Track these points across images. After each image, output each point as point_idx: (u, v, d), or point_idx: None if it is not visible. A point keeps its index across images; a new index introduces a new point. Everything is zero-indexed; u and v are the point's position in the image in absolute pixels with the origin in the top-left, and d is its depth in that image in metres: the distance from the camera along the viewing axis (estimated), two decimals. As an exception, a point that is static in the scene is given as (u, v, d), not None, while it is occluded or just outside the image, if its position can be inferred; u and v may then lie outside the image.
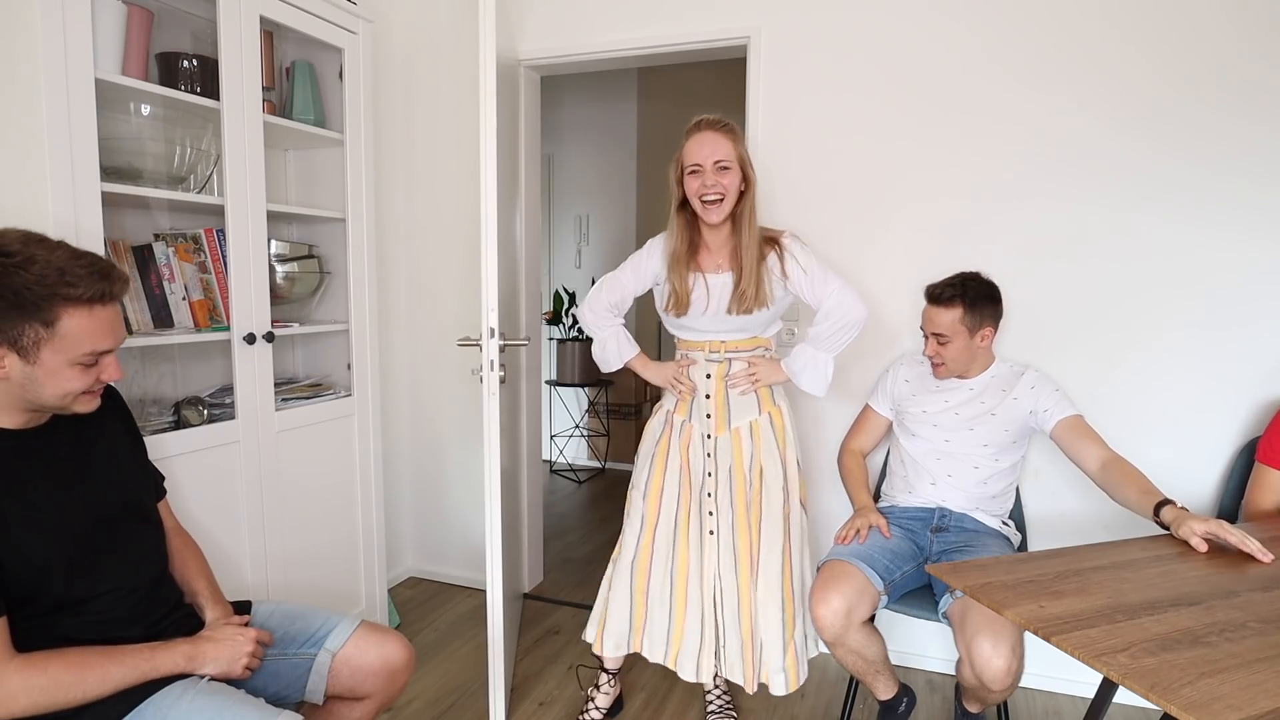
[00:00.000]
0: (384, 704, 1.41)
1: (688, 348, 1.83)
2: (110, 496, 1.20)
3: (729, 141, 1.67)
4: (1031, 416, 1.78)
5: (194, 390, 1.94)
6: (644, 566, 1.82)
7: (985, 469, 1.82)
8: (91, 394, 1.13)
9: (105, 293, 1.08)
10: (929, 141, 2.09)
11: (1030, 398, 1.78)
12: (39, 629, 1.07)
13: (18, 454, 1.10)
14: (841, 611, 1.58)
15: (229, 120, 1.74)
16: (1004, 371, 1.85)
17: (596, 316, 1.87)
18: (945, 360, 1.80)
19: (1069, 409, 1.75)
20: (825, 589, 1.61)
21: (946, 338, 1.78)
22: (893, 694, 1.77)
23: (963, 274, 1.81)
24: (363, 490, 2.24)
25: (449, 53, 2.61)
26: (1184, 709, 0.83)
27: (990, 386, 1.84)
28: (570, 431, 4.66)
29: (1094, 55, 1.93)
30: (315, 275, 2.12)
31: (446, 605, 2.64)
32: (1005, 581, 1.18)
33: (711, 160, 1.65)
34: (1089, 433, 1.71)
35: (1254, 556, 1.27)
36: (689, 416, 1.83)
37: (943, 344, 1.79)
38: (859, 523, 1.77)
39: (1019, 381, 1.81)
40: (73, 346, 1.06)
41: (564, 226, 4.60)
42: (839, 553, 1.70)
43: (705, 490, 1.81)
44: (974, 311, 1.76)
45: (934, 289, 1.80)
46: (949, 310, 1.76)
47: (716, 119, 1.69)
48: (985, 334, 1.79)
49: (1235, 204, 1.87)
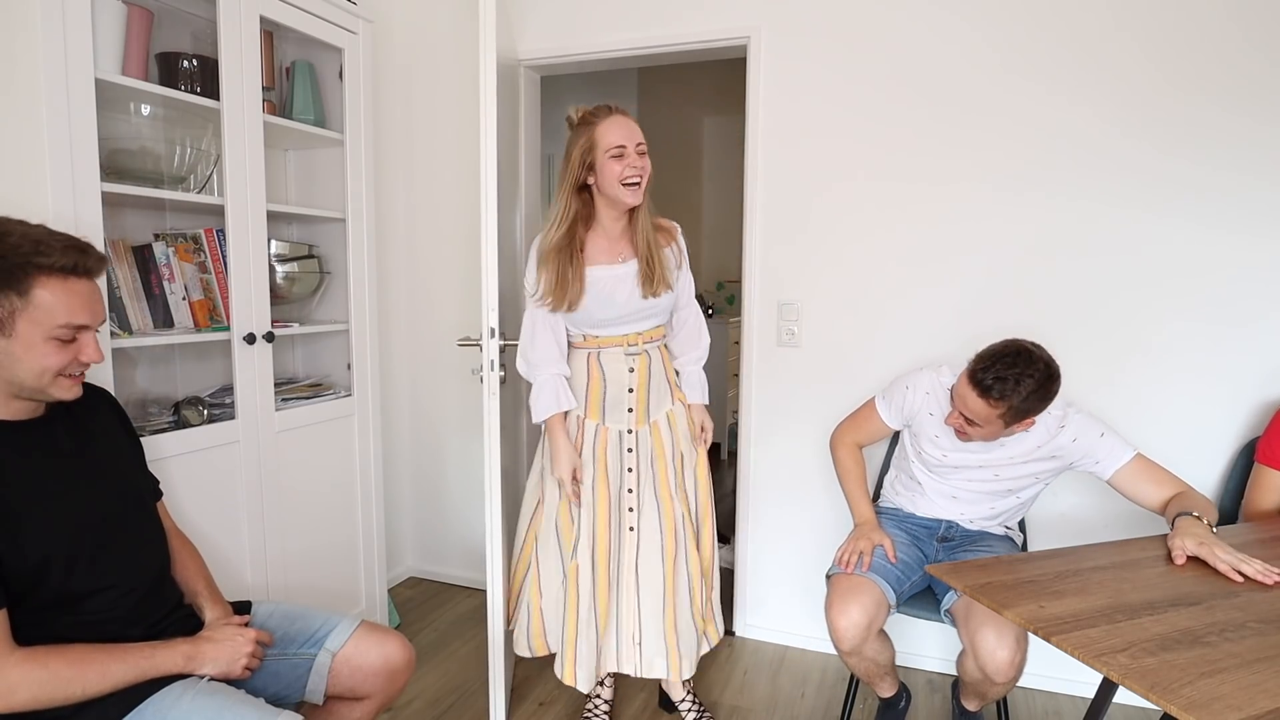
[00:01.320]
0: (384, 704, 1.41)
1: (600, 344, 1.76)
2: (112, 493, 1.20)
3: (638, 126, 1.69)
4: (1073, 467, 1.65)
5: (194, 390, 1.94)
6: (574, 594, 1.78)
7: (1003, 505, 1.75)
8: (72, 379, 1.12)
9: (80, 265, 1.08)
10: (930, 139, 2.09)
11: (1073, 451, 1.62)
12: (39, 625, 1.07)
13: (21, 446, 1.10)
14: (862, 624, 1.56)
15: (229, 120, 1.74)
16: (1042, 432, 1.63)
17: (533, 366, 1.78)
18: (972, 437, 1.61)
19: (1126, 451, 1.58)
20: (844, 601, 1.58)
21: (979, 426, 1.56)
22: (894, 692, 1.78)
23: (1020, 359, 1.48)
24: (363, 490, 2.24)
25: (449, 53, 2.61)
26: (1184, 709, 0.83)
27: (1027, 445, 1.66)
28: (570, 431, 4.65)
29: (1096, 52, 1.93)
30: (315, 275, 2.12)
31: (446, 605, 2.64)
32: (1005, 581, 1.18)
33: (634, 142, 1.65)
34: (1154, 472, 1.56)
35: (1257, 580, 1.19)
36: (602, 419, 1.79)
37: (972, 426, 1.58)
38: (861, 545, 1.67)
39: (1059, 436, 1.62)
40: (47, 318, 1.05)
41: (564, 226, 4.59)
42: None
43: (625, 487, 1.79)
44: (1019, 412, 1.51)
45: (983, 378, 1.49)
46: (990, 407, 1.50)
47: (621, 108, 1.70)
48: (1028, 422, 1.57)
49: (1238, 202, 1.87)
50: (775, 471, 2.36)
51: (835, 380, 2.24)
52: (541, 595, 1.82)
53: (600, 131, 1.66)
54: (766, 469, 2.37)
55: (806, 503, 2.33)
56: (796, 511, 2.35)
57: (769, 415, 2.33)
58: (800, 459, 2.32)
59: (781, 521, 2.37)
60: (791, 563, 2.37)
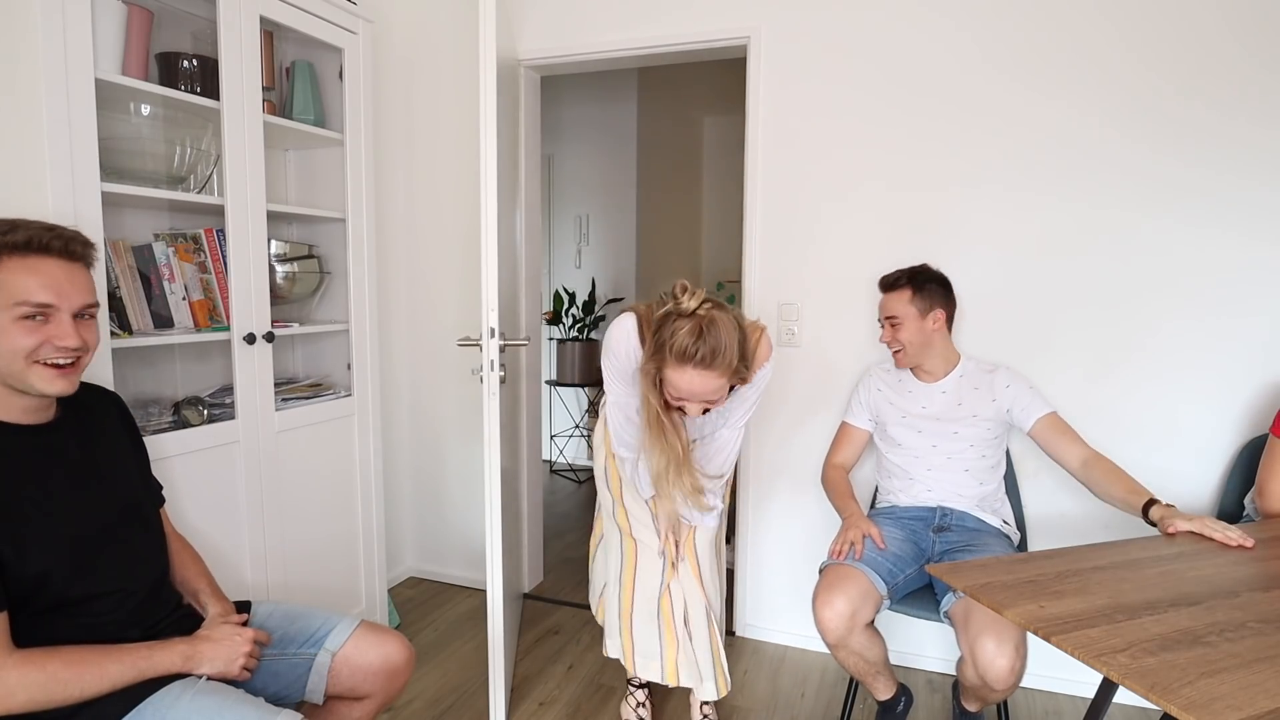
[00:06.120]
0: (384, 704, 1.41)
1: None
2: (113, 499, 1.20)
3: (721, 380, 1.42)
4: (1009, 414, 1.82)
5: (194, 390, 1.94)
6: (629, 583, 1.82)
7: (976, 469, 1.84)
8: (54, 369, 1.09)
9: (37, 240, 1.06)
10: (929, 139, 2.09)
11: (1007, 396, 1.82)
12: (37, 629, 1.07)
13: (28, 450, 1.10)
14: (845, 614, 1.57)
15: (229, 120, 1.74)
16: (971, 370, 1.89)
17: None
18: (902, 344, 1.85)
19: (1045, 406, 1.79)
20: (829, 591, 1.60)
21: (899, 320, 1.84)
22: (891, 694, 1.77)
23: (917, 266, 1.90)
24: (363, 490, 2.24)
25: (449, 53, 2.61)
26: (1184, 709, 0.83)
27: (962, 386, 1.87)
28: (570, 431, 4.66)
29: (1090, 54, 1.93)
30: (315, 275, 2.12)
31: (446, 605, 2.64)
32: (1005, 581, 1.18)
33: (700, 400, 1.46)
34: (1068, 430, 1.76)
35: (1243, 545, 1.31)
36: None
37: (896, 327, 1.85)
38: (851, 535, 1.71)
39: (993, 380, 1.84)
40: (7, 296, 1.04)
41: (564, 226, 4.59)
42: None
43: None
44: (922, 294, 1.83)
45: (884, 276, 1.90)
46: (898, 294, 1.85)
47: (703, 357, 1.38)
48: (937, 317, 1.84)
49: (1230, 202, 1.87)
50: (775, 471, 2.36)
51: (835, 380, 2.24)
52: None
53: (668, 375, 1.45)
54: (767, 469, 2.37)
55: (807, 502, 2.33)
56: (797, 511, 2.35)
57: (769, 415, 2.33)
58: (800, 458, 2.32)
59: (782, 521, 2.37)
60: (791, 562, 2.37)
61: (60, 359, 1.09)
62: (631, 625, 1.80)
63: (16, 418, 1.11)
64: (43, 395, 1.11)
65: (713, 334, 1.38)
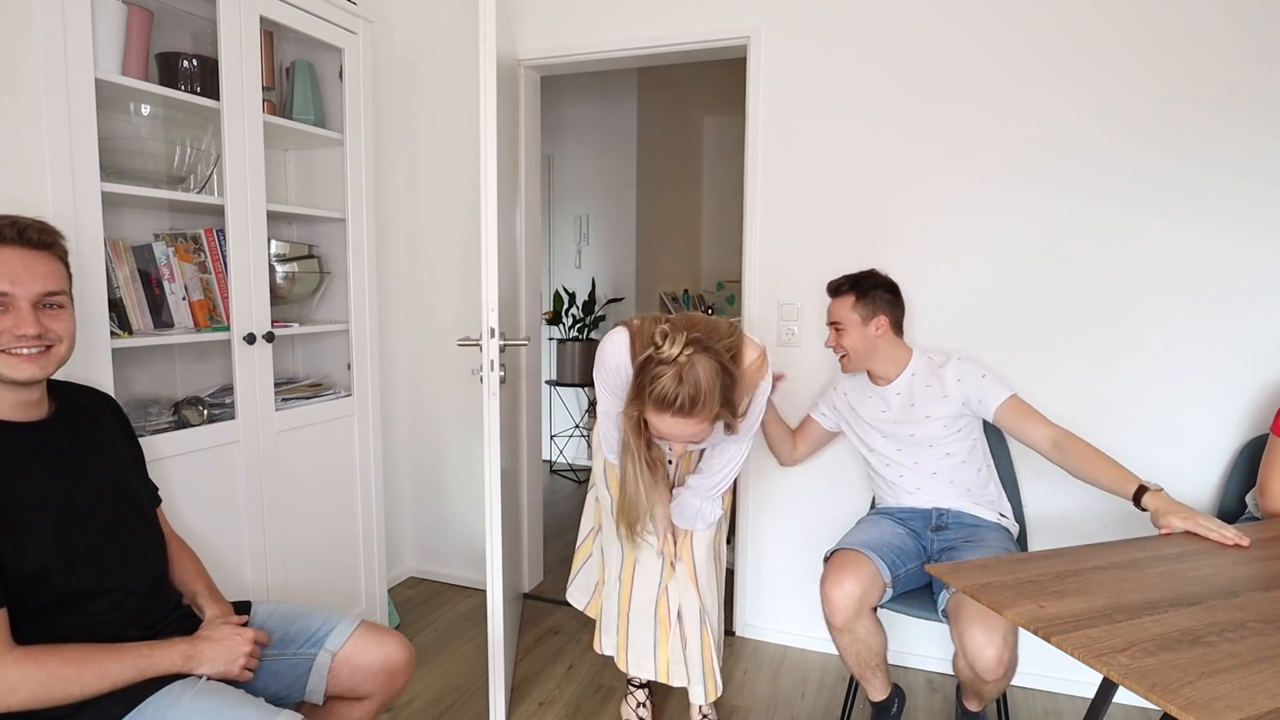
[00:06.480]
0: (384, 704, 1.41)
1: None
2: (110, 497, 1.20)
3: (702, 425, 1.42)
4: (966, 407, 1.79)
5: (194, 390, 1.94)
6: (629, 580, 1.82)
7: (943, 468, 1.83)
8: (18, 357, 1.08)
9: (4, 231, 1.07)
10: (928, 139, 2.09)
11: (960, 390, 1.78)
12: (37, 626, 1.07)
13: (22, 448, 1.10)
14: (855, 596, 1.58)
15: (229, 120, 1.74)
16: (922, 367, 1.86)
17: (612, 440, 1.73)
18: (846, 349, 1.86)
19: (1002, 391, 1.75)
20: (838, 572, 1.62)
21: (842, 325, 1.85)
22: (886, 695, 1.78)
23: (861, 272, 1.90)
24: (363, 490, 2.24)
25: (449, 53, 2.61)
26: (1184, 709, 0.83)
27: (914, 385, 1.85)
28: (570, 431, 4.66)
29: (1090, 54, 1.94)
30: (315, 275, 2.12)
31: (446, 605, 2.64)
32: (1005, 581, 1.18)
33: (682, 442, 1.49)
34: (1031, 412, 1.72)
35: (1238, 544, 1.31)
36: None
37: (840, 332, 1.86)
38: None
39: (943, 375, 1.81)
40: None
41: (564, 226, 4.59)
42: (848, 542, 1.72)
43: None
44: (865, 300, 1.83)
45: (831, 281, 1.91)
46: (842, 299, 1.85)
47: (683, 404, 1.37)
48: (880, 323, 1.83)
49: (1231, 202, 1.87)
50: (775, 471, 2.36)
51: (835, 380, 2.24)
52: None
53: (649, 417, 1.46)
54: (767, 468, 2.37)
55: (807, 502, 2.33)
56: (797, 511, 2.35)
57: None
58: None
59: (782, 521, 2.37)
60: (791, 563, 2.37)
61: (23, 348, 1.08)
62: (628, 624, 1.80)
63: (9, 414, 1.11)
64: (15, 383, 1.09)
65: (692, 381, 1.36)
